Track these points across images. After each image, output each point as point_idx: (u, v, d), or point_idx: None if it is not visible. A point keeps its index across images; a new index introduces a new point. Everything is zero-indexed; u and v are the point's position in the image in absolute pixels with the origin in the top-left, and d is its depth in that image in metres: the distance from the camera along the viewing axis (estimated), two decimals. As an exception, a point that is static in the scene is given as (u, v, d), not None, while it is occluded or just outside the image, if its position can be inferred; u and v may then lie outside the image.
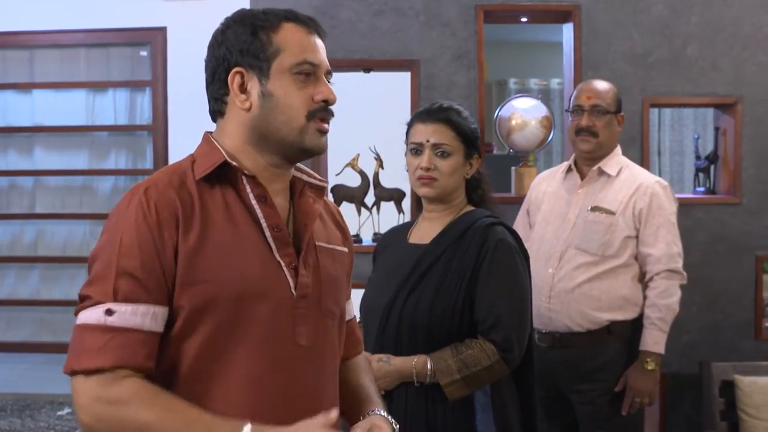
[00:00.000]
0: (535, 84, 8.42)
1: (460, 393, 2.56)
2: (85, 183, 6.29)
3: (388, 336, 2.62)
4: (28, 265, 6.31)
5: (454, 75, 4.49)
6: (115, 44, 6.15)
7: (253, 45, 1.74)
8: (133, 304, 1.61)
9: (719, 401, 4.15)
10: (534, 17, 4.76)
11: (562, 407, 3.67)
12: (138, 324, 1.61)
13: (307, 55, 1.76)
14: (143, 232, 1.64)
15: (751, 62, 4.48)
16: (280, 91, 1.74)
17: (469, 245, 2.64)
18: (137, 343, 1.60)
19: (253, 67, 1.74)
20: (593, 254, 3.52)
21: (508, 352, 2.58)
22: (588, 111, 3.60)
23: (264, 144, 1.76)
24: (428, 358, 2.57)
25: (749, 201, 4.48)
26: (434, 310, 2.58)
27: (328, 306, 1.83)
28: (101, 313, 1.60)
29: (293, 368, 1.73)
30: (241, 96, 1.75)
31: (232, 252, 1.68)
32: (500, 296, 2.60)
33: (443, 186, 2.71)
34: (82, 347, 1.61)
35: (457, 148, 2.70)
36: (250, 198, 1.74)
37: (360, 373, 2.05)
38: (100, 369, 1.58)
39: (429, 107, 2.78)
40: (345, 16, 4.48)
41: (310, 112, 1.75)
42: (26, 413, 5.21)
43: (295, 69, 1.74)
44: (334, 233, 1.96)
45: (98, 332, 1.60)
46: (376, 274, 2.88)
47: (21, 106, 6.27)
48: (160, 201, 1.67)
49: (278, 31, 1.75)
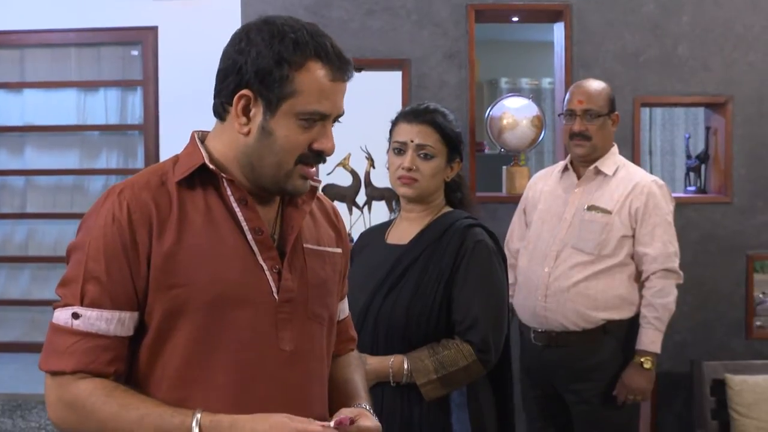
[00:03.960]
0: (526, 83, 8.41)
1: (436, 393, 2.57)
2: (76, 182, 6.27)
3: (365, 337, 2.61)
4: (19, 264, 6.28)
5: (445, 74, 4.49)
6: (106, 44, 6.13)
7: (271, 76, 1.65)
8: (98, 310, 1.62)
9: (710, 400, 4.16)
10: (525, 17, 4.77)
11: (556, 407, 3.68)
12: (103, 329, 1.62)
13: (320, 105, 1.68)
14: (111, 237, 1.63)
15: (742, 62, 4.49)
16: (281, 132, 1.68)
17: (448, 246, 2.65)
18: (100, 348, 1.62)
19: (263, 96, 1.66)
20: (589, 253, 3.52)
21: (485, 353, 2.59)
22: (580, 116, 3.60)
23: (250, 170, 1.72)
24: (405, 358, 2.57)
25: (740, 200, 4.49)
26: (411, 311, 2.59)
27: (315, 310, 1.80)
28: (69, 315, 1.62)
29: (278, 374, 1.72)
30: (242, 119, 1.69)
31: (209, 256, 1.66)
32: (478, 298, 2.61)
33: (423, 188, 2.72)
34: (51, 347, 1.64)
35: (440, 151, 2.71)
36: (231, 201, 1.72)
37: (349, 369, 2.03)
38: (62, 371, 1.61)
39: (415, 107, 2.78)
40: (336, 15, 4.48)
41: (301, 157, 1.71)
42: (17, 413, 5.20)
43: (303, 116, 1.68)
44: (327, 233, 1.93)
45: (65, 335, 1.63)
46: (354, 274, 2.86)
47: (11, 105, 6.24)
48: (133, 203, 1.65)
49: (301, 71, 1.66)
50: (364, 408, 1.85)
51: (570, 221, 3.60)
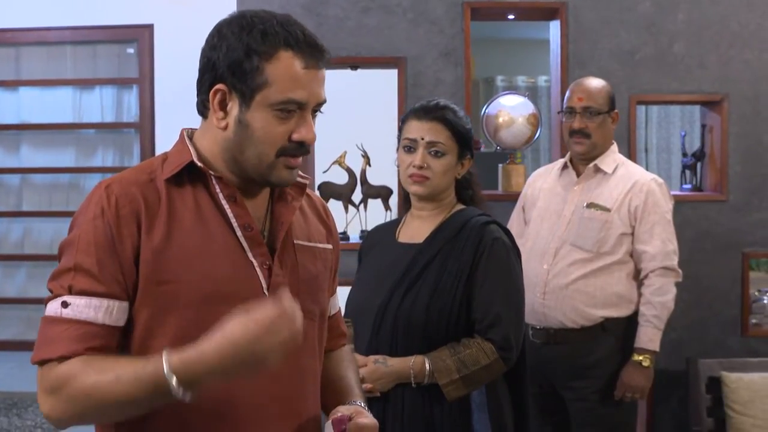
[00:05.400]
0: (522, 81, 8.41)
1: (458, 393, 2.55)
2: (72, 181, 6.27)
3: (383, 336, 2.60)
4: (15, 263, 6.28)
5: (441, 72, 4.49)
6: (102, 41, 6.13)
7: (242, 68, 1.66)
8: (87, 297, 1.61)
9: (706, 398, 4.16)
10: (521, 14, 4.77)
11: (554, 404, 3.68)
12: (91, 317, 1.61)
13: (294, 93, 1.67)
14: (100, 228, 1.63)
15: (738, 59, 4.50)
16: (257, 123, 1.67)
17: (465, 244, 2.63)
18: (89, 335, 1.60)
19: (237, 89, 1.67)
20: (588, 251, 3.52)
21: (506, 350, 2.58)
22: (580, 113, 3.61)
23: (234, 164, 1.73)
24: (426, 359, 2.55)
25: (736, 198, 4.49)
26: (431, 310, 2.57)
27: (306, 305, 1.78)
28: (58, 305, 1.62)
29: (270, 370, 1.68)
30: (219, 113, 1.70)
31: (199, 252, 1.66)
32: (498, 295, 2.60)
33: (435, 185, 2.69)
34: (41, 339, 1.63)
35: (451, 148, 2.68)
36: (220, 198, 1.72)
37: (342, 364, 2.03)
38: (50, 359, 1.59)
39: (426, 104, 2.74)
40: (332, 13, 4.47)
41: (282, 149, 1.69)
42: (13, 412, 5.19)
43: (277, 106, 1.67)
44: (317, 230, 1.93)
45: (54, 324, 1.62)
46: (365, 274, 2.85)
47: (7, 103, 6.24)
48: (121, 197, 1.66)
49: (272, 61, 1.66)
50: (359, 405, 1.85)
51: (569, 218, 3.60)
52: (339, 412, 1.74)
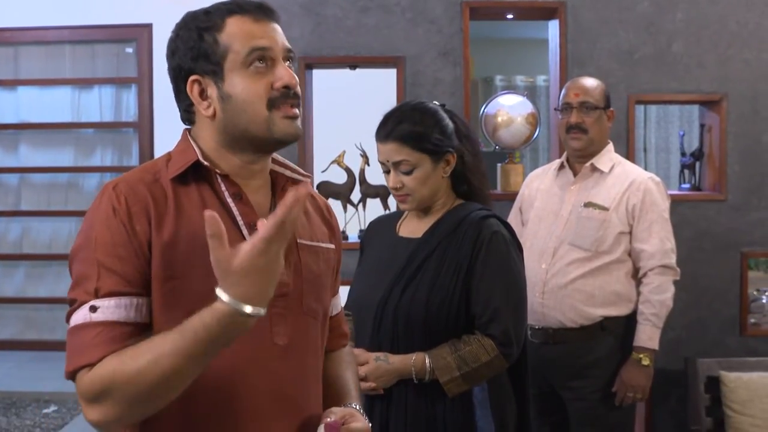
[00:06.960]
0: (521, 81, 8.42)
1: (459, 389, 2.55)
2: (71, 180, 6.28)
3: (385, 332, 2.60)
4: (14, 262, 6.29)
5: (439, 72, 4.49)
6: (101, 41, 6.14)
7: (201, 49, 1.70)
8: (115, 298, 1.59)
9: (705, 397, 4.16)
10: (520, 14, 4.77)
11: (553, 404, 3.68)
12: (123, 317, 1.59)
13: (254, 42, 1.69)
14: (115, 227, 1.62)
15: (736, 59, 4.50)
16: (237, 89, 1.69)
17: (464, 238, 2.61)
18: (125, 335, 1.57)
19: (208, 71, 1.70)
20: (586, 250, 3.52)
21: (506, 346, 2.57)
22: (577, 108, 3.62)
23: (237, 144, 1.73)
24: (426, 356, 2.55)
25: (734, 197, 4.50)
26: (430, 305, 2.56)
27: (310, 304, 1.80)
28: (86, 311, 1.58)
29: (273, 368, 1.71)
30: (203, 103, 1.72)
31: (205, 250, 1.62)
32: (497, 290, 2.58)
33: (418, 199, 2.67)
34: (72, 349, 1.57)
35: (419, 159, 2.62)
36: (226, 196, 1.73)
37: (341, 365, 2.03)
38: (89, 364, 1.54)
39: (382, 121, 2.68)
40: (331, 12, 4.47)
41: (270, 101, 1.70)
42: (12, 411, 5.20)
43: (246, 61, 1.68)
44: (320, 229, 1.93)
45: (85, 330, 1.57)
46: (365, 267, 2.85)
47: (6, 102, 6.25)
48: (130, 195, 1.65)
49: (223, 29, 1.70)
50: (354, 408, 1.85)
51: (567, 218, 3.61)
52: (332, 414, 1.74)
